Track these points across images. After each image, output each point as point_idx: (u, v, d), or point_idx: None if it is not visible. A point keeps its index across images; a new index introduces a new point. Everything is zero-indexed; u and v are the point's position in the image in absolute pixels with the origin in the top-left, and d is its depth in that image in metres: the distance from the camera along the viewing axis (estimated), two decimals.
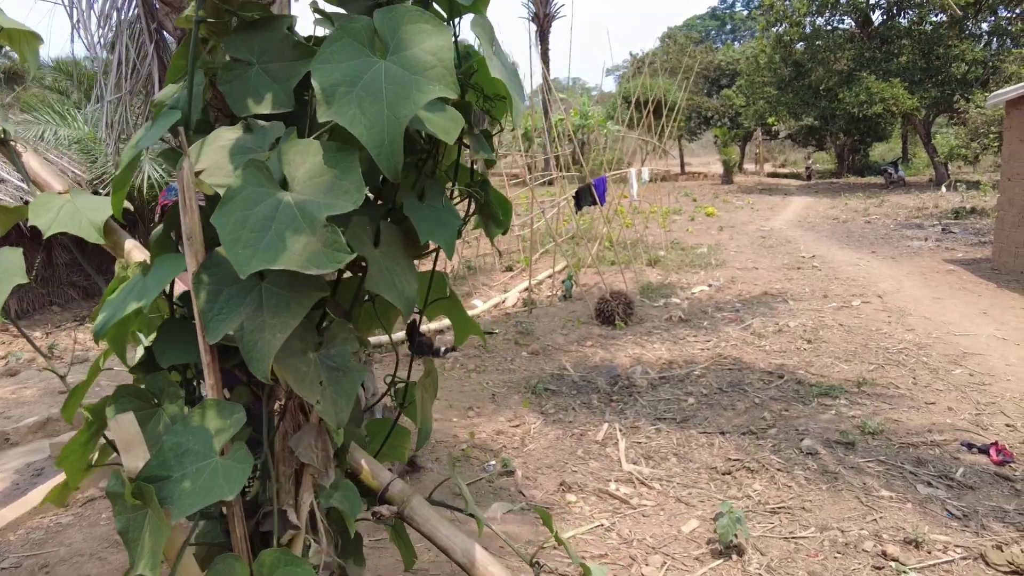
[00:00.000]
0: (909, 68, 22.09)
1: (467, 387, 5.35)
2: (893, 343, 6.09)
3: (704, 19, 74.15)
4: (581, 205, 8.29)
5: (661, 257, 10.81)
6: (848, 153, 33.29)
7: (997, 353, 5.69)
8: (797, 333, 6.48)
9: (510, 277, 10.25)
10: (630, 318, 7.14)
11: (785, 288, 8.53)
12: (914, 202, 18.21)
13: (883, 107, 21.23)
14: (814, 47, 25.08)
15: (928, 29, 22.93)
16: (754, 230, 14.42)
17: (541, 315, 7.62)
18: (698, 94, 37.14)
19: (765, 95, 26.57)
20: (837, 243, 12.28)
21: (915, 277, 8.96)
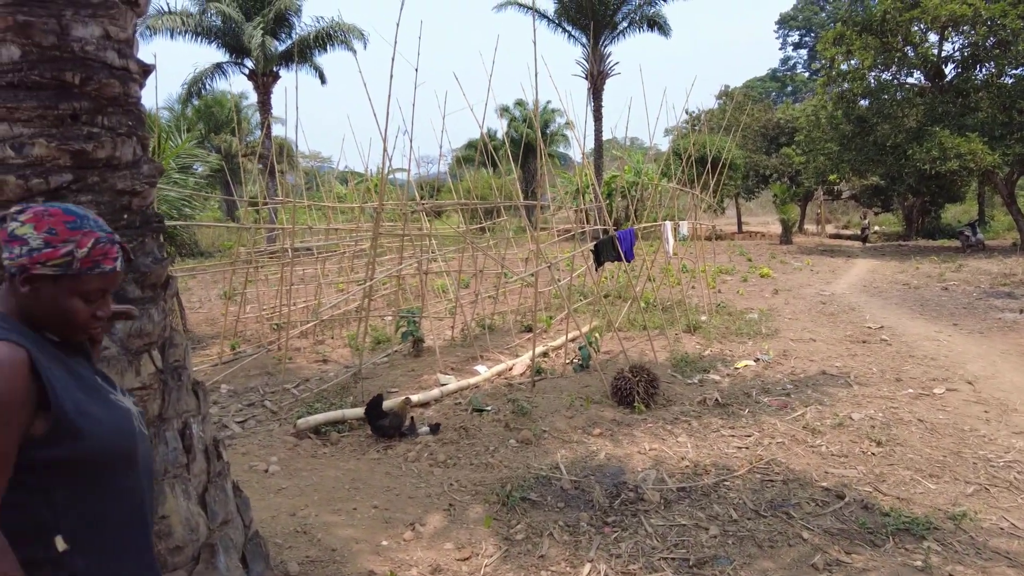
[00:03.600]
0: (988, 122, 20.34)
1: (424, 487, 4.17)
2: (997, 452, 4.62)
3: (764, 81, 73.26)
4: (601, 261, 7.13)
5: (703, 323, 9.47)
6: (918, 215, 31.13)
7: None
8: (863, 430, 5.07)
9: (527, 339, 9.08)
10: (653, 399, 5.86)
11: (847, 367, 7.07)
12: (999, 267, 16.26)
13: (959, 163, 19.45)
14: (880, 102, 23.60)
15: (1009, 83, 21.21)
16: (813, 294, 12.88)
17: (548, 389, 6.41)
18: (756, 152, 35.87)
19: (826, 151, 25.07)
20: (909, 312, 10.67)
21: (1013, 358, 7.36)
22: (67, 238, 1.34)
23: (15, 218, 1.34)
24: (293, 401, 6.20)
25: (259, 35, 24.50)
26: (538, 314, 10.28)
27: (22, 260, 1.32)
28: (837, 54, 23.40)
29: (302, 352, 8.41)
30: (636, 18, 34.88)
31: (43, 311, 1.37)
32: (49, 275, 1.34)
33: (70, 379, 1.36)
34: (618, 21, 35.36)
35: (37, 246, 1.32)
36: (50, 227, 1.34)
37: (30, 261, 1.32)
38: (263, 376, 7.32)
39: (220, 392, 6.74)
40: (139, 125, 2.47)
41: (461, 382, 6.58)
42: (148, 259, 2.46)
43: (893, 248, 24.95)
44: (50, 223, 1.34)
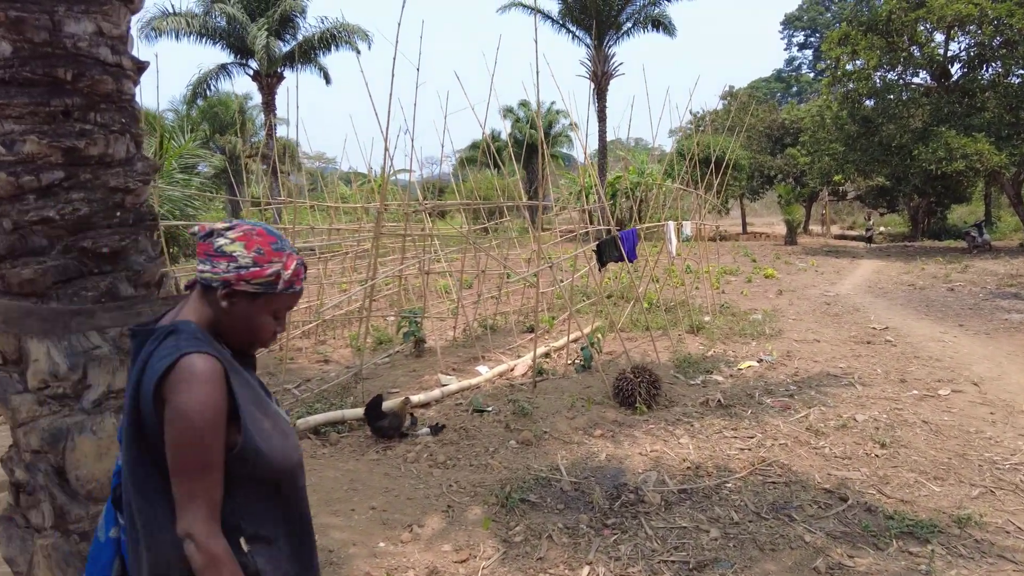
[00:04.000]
0: (995, 123, 20.22)
1: (423, 488, 4.14)
2: (1003, 455, 4.56)
3: (769, 81, 73.03)
4: (604, 261, 7.08)
5: (706, 323, 9.42)
6: (923, 215, 30.98)
7: None
8: (867, 431, 5.02)
9: (529, 339, 9.05)
10: (655, 400, 5.82)
11: (851, 367, 7.02)
12: (1005, 268, 16.15)
13: (965, 164, 19.35)
14: (885, 102, 23.50)
15: (1015, 83, 21.09)
16: (817, 295, 12.81)
17: (549, 390, 6.38)
18: (760, 153, 35.77)
19: (831, 152, 24.97)
20: (915, 313, 10.60)
21: (1020, 359, 7.29)
22: (272, 259, 1.39)
23: (223, 234, 1.39)
24: (294, 401, 6.18)
25: (263, 36, 24.53)
26: (541, 315, 10.25)
27: (228, 275, 1.36)
28: (842, 54, 23.30)
29: (304, 352, 8.40)
30: (640, 18, 34.79)
31: (234, 325, 1.41)
32: (249, 292, 1.38)
33: (246, 392, 1.40)
34: (622, 21, 35.27)
35: (245, 264, 1.37)
36: (259, 247, 1.38)
37: (236, 278, 1.37)
38: (264, 376, 7.31)
39: None
40: (133, 122, 2.45)
41: (462, 383, 6.55)
42: (142, 257, 2.44)
43: (899, 249, 24.82)
44: (259, 243, 1.39)
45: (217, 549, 1.24)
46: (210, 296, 1.40)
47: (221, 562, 1.24)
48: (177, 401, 1.25)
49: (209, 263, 1.37)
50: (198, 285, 1.42)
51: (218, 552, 1.24)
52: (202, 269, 1.39)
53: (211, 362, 1.30)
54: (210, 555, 1.24)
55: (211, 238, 1.38)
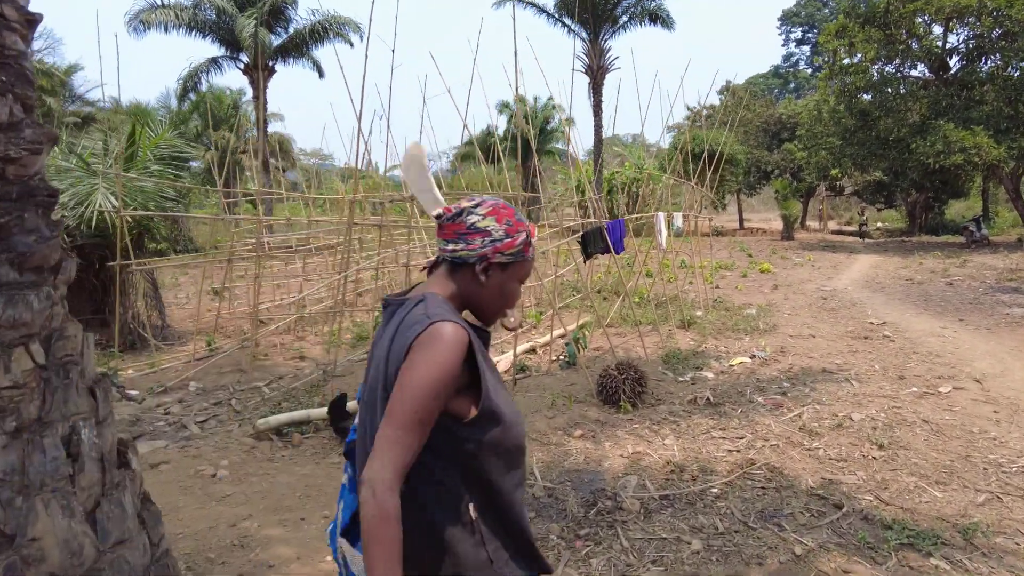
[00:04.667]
0: (993, 116, 19.92)
1: None
2: (1009, 456, 4.26)
3: (767, 77, 72.64)
4: (589, 253, 6.77)
5: (698, 318, 9.11)
6: (921, 211, 30.74)
7: None
8: (864, 432, 4.71)
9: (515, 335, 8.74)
10: (640, 398, 5.51)
11: (848, 364, 6.72)
12: (1005, 263, 15.88)
13: (964, 157, 19.05)
14: (883, 95, 23.19)
15: (1015, 75, 20.77)
16: (813, 290, 12.52)
17: (531, 387, 6.07)
18: (757, 148, 35.50)
19: (827, 146, 24.68)
20: (913, 308, 10.31)
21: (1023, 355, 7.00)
22: (519, 229, 1.43)
23: (472, 212, 1.42)
24: (261, 400, 5.87)
25: (252, 26, 24.14)
26: (528, 310, 9.95)
27: (485, 250, 1.40)
28: (839, 47, 22.99)
29: (279, 349, 8.09)
30: (637, 12, 34.37)
31: (490, 296, 1.45)
32: (502, 263, 1.43)
33: (488, 363, 1.41)
34: (619, 15, 34.86)
35: (499, 237, 1.41)
36: (508, 219, 1.43)
37: (492, 251, 1.41)
38: (236, 373, 7.00)
39: (188, 390, 6.42)
40: (19, 82, 2.12)
41: None
42: (30, 237, 2.11)
43: (896, 244, 24.56)
44: (507, 215, 1.43)
45: (391, 504, 1.21)
46: (461, 272, 1.43)
47: (391, 519, 1.20)
48: (416, 357, 1.28)
49: (463, 241, 1.41)
50: (444, 264, 1.46)
51: (392, 508, 1.21)
52: (454, 248, 1.42)
53: (459, 330, 1.31)
54: (383, 509, 1.20)
55: (461, 217, 1.42)
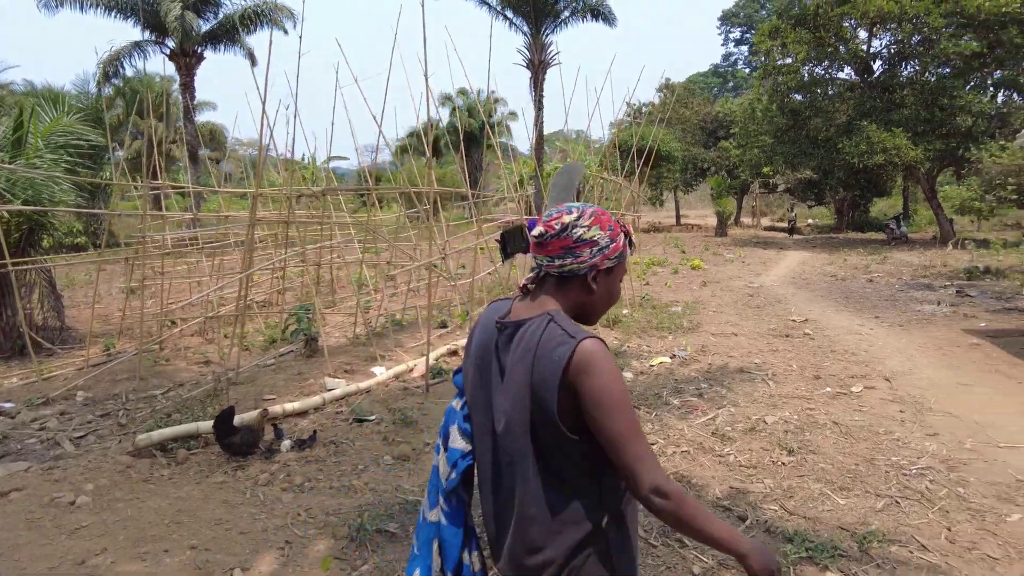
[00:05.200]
0: (912, 119, 20.74)
1: (263, 519, 3.52)
2: (910, 458, 4.27)
3: (707, 76, 74.19)
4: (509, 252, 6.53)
5: (623, 317, 9.05)
6: (848, 208, 31.88)
7: None
8: (776, 436, 4.66)
9: (439, 336, 8.48)
10: None
11: (767, 363, 6.73)
12: (919, 260, 16.55)
13: (885, 157, 19.77)
14: (813, 95, 23.88)
15: (931, 80, 21.69)
16: (741, 286, 12.69)
17: (445, 393, 5.82)
18: (694, 145, 36.13)
19: (760, 144, 25.28)
20: (834, 304, 10.54)
21: (931, 352, 7.17)
22: (618, 231, 1.45)
23: (577, 225, 1.41)
24: (151, 411, 5.43)
25: (177, 8, 22.95)
26: (455, 309, 9.70)
27: (594, 260, 1.42)
28: (773, 47, 23.51)
29: (184, 353, 7.59)
30: (578, 7, 34.38)
31: (599, 301, 1.47)
32: (609, 268, 1.45)
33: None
34: (560, 9, 34.80)
35: (605, 244, 1.42)
36: (609, 224, 1.44)
37: (601, 259, 1.42)
38: (132, 381, 6.49)
39: (74, 400, 5.91)
40: None
41: (350, 387, 5.92)
42: None
43: (824, 240, 25.38)
44: (607, 221, 1.44)
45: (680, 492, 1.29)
46: (571, 283, 1.44)
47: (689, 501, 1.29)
48: (597, 380, 1.30)
49: (571, 255, 1.41)
50: (551, 278, 1.45)
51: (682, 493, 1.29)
52: (562, 263, 1.42)
53: (601, 343, 1.35)
54: (683, 499, 1.28)
55: (566, 232, 1.41)
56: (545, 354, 1.33)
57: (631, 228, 1.54)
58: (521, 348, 1.37)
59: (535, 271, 1.49)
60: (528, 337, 1.37)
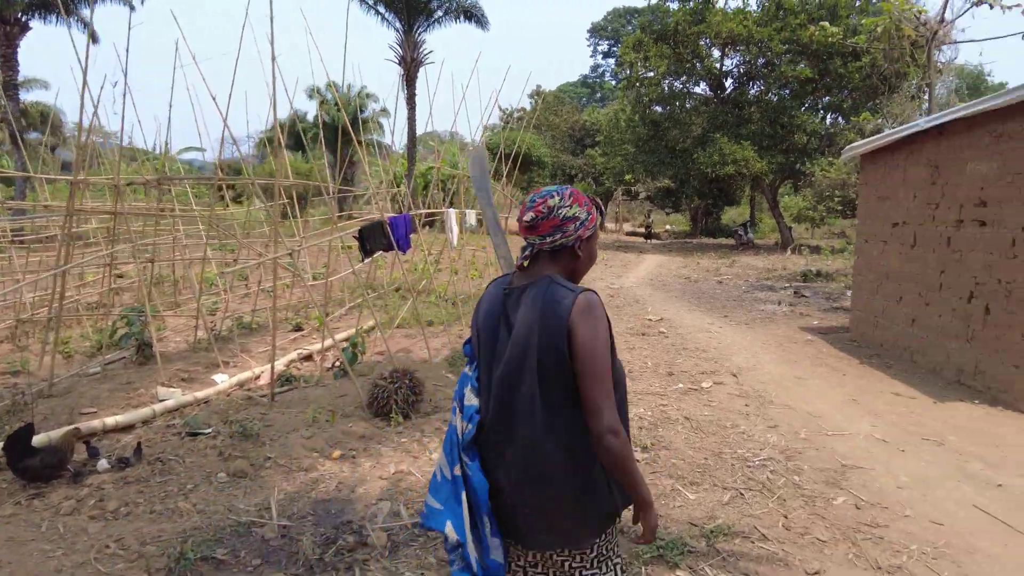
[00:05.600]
0: (758, 134, 22.58)
1: (61, 554, 3.01)
2: (754, 449, 4.48)
3: (576, 86, 76.76)
4: (368, 249, 6.21)
5: None
6: (702, 216, 34.22)
7: (882, 465, 4.21)
8: (632, 433, 4.73)
9: (293, 340, 7.96)
10: (415, 407, 5.11)
11: (626, 361, 6.90)
12: (764, 263, 17.99)
13: (735, 168, 21.36)
14: (672, 108, 25.33)
15: (774, 100, 23.75)
16: (603, 288, 13.12)
17: (295, 402, 5.41)
18: (563, 152, 37.19)
19: (623, 152, 26.46)
20: (688, 305, 11.13)
21: (773, 348, 7.70)
22: (590, 207, 1.73)
23: (560, 207, 1.67)
24: None
25: None
26: (312, 311, 9.18)
27: (579, 232, 1.69)
28: (636, 59, 24.67)
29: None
30: (452, 7, 34.21)
31: (584, 264, 1.75)
32: (589, 236, 1.72)
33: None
34: (434, 8, 34.45)
35: (584, 218, 1.69)
36: (584, 201, 1.71)
37: (583, 230, 1.70)
38: None
39: None
40: None
41: (186, 397, 5.33)
42: None
43: (680, 245, 27.00)
44: (582, 198, 1.71)
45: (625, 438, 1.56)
46: (561, 254, 1.70)
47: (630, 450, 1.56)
48: (589, 324, 1.55)
49: (559, 232, 1.67)
50: (544, 253, 1.70)
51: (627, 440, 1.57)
52: (554, 239, 1.67)
53: (596, 295, 1.62)
54: (626, 444, 1.54)
55: (553, 213, 1.66)
56: (552, 305, 1.56)
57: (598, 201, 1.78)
58: (528, 304, 1.61)
59: (527, 250, 1.70)
60: (535, 295, 1.61)
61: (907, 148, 6.91)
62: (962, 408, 5.37)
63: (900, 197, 7.04)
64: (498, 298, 1.72)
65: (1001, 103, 5.29)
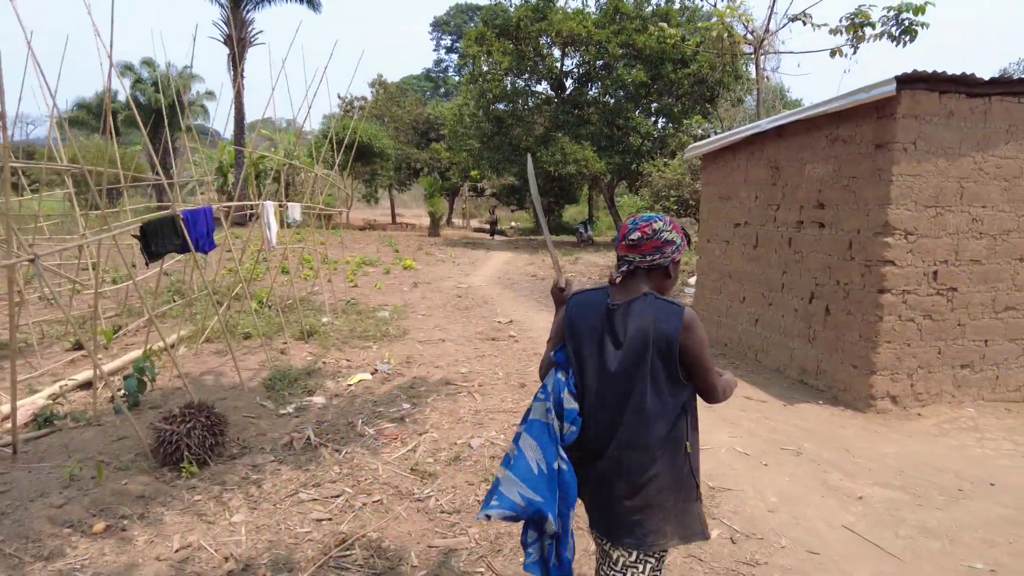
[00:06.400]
0: (597, 135, 23.13)
1: None
2: None
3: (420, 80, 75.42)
4: (154, 251, 5.00)
5: (324, 326, 7.96)
6: (545, 213, 34.87)
7: (748, 484, 3.94)
8: (481, 463, 4.10)
9: (69, 361, 6.44)
10: (215, 451, 4.09)
11: (473, 372, 6.29)
12: (604, 260, 18.37)
13: (576, 168, 21.68)
14: (515, 106, 25.27)
15: (611, 102, 24.49)
16: (451, 287, 12.47)
17: (51, 452, 4.15)
18: (407, 145, 36.10)
19: (468, 148, 26.03)
20: (535, 304, 10.81)
21: None
22: (682, 234, 1.97)
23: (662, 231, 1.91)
24: None
25: None
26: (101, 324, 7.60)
27: (675, 255, 1.94)
28: (479, 53, 24.27)
29: None
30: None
31: (671, 283, 1.99)
32: (677, 260, 1.96)
33: None
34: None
35: (679, 243, 1.94)
36: (680, 228, 1.97)
37: (677, 254, 1.94)
38: None
39: None
40: None
41: None
42: None
43: (525, 242, 27.13)
44: (675, 225, 1.96)
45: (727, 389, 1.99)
46: (654, 273, 1.94)
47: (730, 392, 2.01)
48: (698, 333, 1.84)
49: (659, 252, 1.90)
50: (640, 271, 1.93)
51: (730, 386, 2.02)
52: (653, 258, 1.91)
53: (692, 310, 1.89)
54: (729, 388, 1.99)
55: (657, 235, 1.90)
56: (664, 318, 1.82)
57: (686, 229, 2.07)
58: (638, 317, 1.85)
59: (623, 266, 1.93)
60: (643, 309, 1.86)
61: (748, 148, 6.96)
62: (810, 411, 5.37)
63: (742, 197, 7.09)
64: (600, 312, 1.90)
65: (837, 107, 5.33)
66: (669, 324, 1.80)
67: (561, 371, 1.94)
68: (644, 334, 1.80)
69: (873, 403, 5.21)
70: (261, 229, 6.35)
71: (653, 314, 1.81)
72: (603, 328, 1.87)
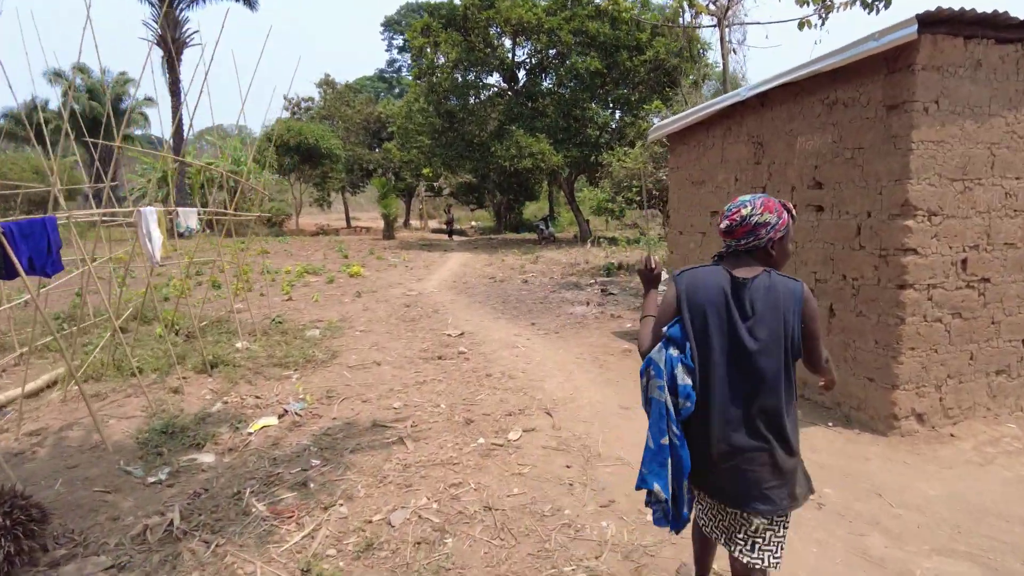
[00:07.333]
0: (553, 127, 22.13)
1: None
2: (588, 557, 2.94)
3: (373, 80, 73.58)
4: None
5: (236, 352, 6.72)
6: (505, 211, 33.76)
7: None
8: (403, 554, 2.98)
9: None
10: (31, 561, 2.89)
11: (409, 406, 5.15)
12: (566, 258, 17.38)
13: (532, 162, 20.65)
14: (466, 100, 24.12)
15: (566, 93, 23.50)
16: (399, 295, 11.28)
17: None
18: (359, 146, 34.65)
19: (419, 145, 24.78)
20: (492, 312, 9.70)
21: (588, 364, 6.44)
22: (782, 211, 2.07)
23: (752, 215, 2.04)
24: None
25: None
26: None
27: (771, 235, 2.04)
28: (426, 45, 23.05)
29: None
30: None
31: (779, 259, 2.10)
32: (779, 237, 2.07)
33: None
34: None
35: (775, 223, 2.04)
36: (775, 207, 2.06)
37: (775, 233, 2.05)
38: None
39: None
40: None
41: None
42: None
43: (485, 241, 26.01)
44: (773, 205, 2.07)
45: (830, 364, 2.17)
46: (756, 252, 2.07)
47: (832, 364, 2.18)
48: (814, 304, 2.00)
49: (753, 236, 2.05)
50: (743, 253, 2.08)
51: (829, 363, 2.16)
52: (748, 241, 2.06)
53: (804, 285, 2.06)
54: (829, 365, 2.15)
55: (746, 221, 2.04)
56: (788, 293, 1.97)
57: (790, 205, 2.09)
58: (765, 292, 1.98)
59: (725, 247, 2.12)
60: (768, 285, 1.99)
61: (724, 124, 5.96)
62: (820, 437, 4.38)
63: (719, 181, 6.09)
64: (720, 288, 2.01)
65: (837, 62, 4.35)
66: (794, 298, 1.97)
67: (674, 346, 2.02)
68: (775, 309, 1.96)
69: (896, 424, 4.25)
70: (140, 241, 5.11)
71: (779, 289, 1.97)
72: (728, 303, 2.00)
